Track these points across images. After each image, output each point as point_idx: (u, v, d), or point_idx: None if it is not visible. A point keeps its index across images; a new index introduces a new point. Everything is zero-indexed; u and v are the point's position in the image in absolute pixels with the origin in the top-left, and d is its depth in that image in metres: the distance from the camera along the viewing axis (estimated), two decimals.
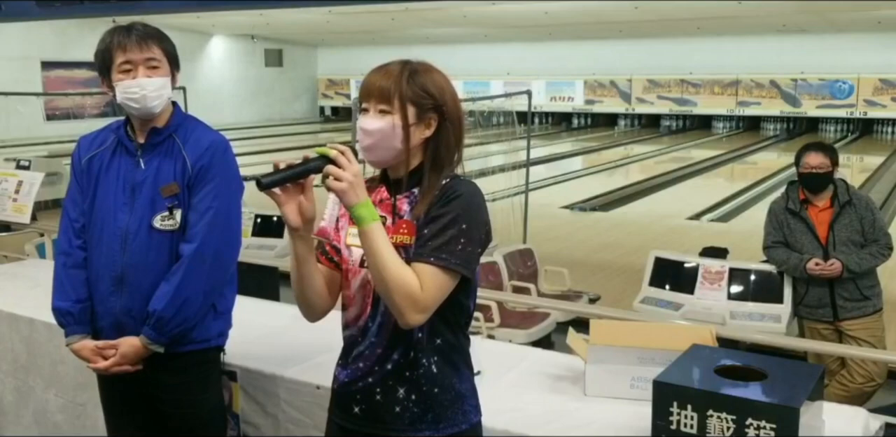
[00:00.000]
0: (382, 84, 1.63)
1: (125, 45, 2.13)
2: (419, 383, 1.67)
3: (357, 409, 1.72)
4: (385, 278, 1.55)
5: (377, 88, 1.63)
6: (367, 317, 1.69)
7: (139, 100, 2.13)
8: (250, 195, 2.23)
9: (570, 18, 16.40)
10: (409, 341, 1.66)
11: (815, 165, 3.79)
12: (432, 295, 1.57)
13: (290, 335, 2.78)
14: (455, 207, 1.61)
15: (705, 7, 13.84)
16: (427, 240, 1.60)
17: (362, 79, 1.71)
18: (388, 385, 1.68)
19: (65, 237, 2.24)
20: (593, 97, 22.03)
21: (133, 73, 2.14)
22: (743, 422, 1.64)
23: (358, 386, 1.71)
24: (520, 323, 4.66)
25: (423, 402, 1.68)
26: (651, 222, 9.12)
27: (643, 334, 2.33)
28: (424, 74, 1.66)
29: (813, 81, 19.31)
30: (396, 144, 1.63)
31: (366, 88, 1.65)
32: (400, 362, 1.67)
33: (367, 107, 1.64)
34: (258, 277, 4.56)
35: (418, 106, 1.63)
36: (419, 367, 1.67)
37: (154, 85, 2.14)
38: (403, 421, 1.68)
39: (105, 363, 2.16)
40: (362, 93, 1.66)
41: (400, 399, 1.68)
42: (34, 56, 17.67)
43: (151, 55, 2.15)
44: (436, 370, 1.68)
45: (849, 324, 3.81)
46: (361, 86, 1.68)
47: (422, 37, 20.20)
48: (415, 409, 1.67)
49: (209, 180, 2.16)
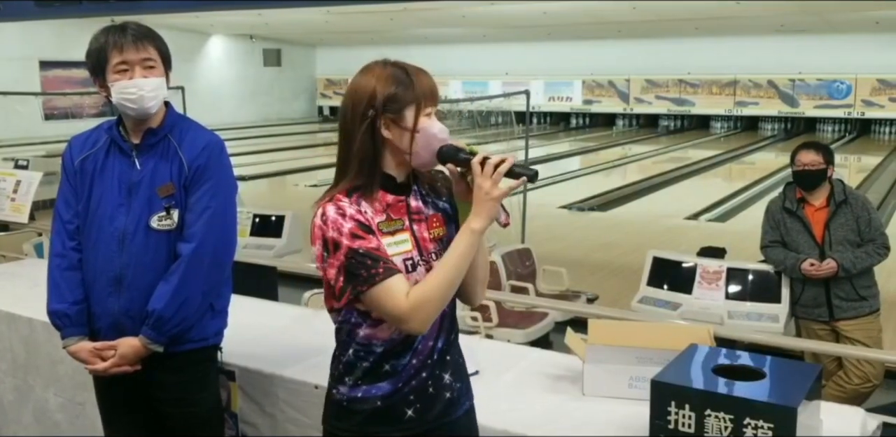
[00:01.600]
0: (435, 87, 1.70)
1: (121, 44, 2.11)
2: (457, 360, 1.80)
3: (410, 411, 1.71)
4: (480, 267, 1.72)
5: (436, 91, 1.69)
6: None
7: (136, 100, 2.13)
8: (247, 195, 2.23)
9: (569, 19, 16.40)
10: (451, 323, 1.77)
11: (806, 162, 3.81)
12: None
13: (289, 335, 2.79)
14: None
15: (703, 7, 13.83)
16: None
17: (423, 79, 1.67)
18: (436, 375, 1.73)
19: (58, 239, 2.23)
20: (591, 97, 22.03)
21: (129, 73, 2.12)
22: (741, 422, 1.64)
23: (412, 386, 1.71)
24: (518, 323, 4.66)
25: (459, 375, 1.80)
26: (649, 222, 9.13)
27: (641, 333, 2.33)
28: None
29: (811, 82, 19.32)
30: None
31: (433, 90, 1.67)
32: (444, 348, 1.75)
33: (431, 112, 1.67)
34: (256, 277, 4.57)
35: None
36: (455, 346, 1.79)
37: (151, 85, 2.13)
38: (453, 404, 1.76)
39: (104, 365, 2.15)
40: (428, 95, 1.66)
41: (448, 384, 1.75)
42: (32, 56, 17.64)
43: (148, 55, 2.14)
44: (457, 343, 1.81)
45: (845, 324, 3.81)
46: (425, 88, 1.66)
47: (420, 37, 20.19)
48: (457, 385, 1.77)
49: (206, 180, 2.16)
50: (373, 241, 1.62)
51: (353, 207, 1.65)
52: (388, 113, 1.63)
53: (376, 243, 1.62)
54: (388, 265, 1.61)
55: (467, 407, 1.81)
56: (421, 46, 19.65)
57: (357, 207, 1.65)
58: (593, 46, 20.60)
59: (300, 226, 5.92)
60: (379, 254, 1.61)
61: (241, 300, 2.49)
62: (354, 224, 1.62)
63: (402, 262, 1.65)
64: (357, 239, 1.61)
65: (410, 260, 1.67)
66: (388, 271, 1.60)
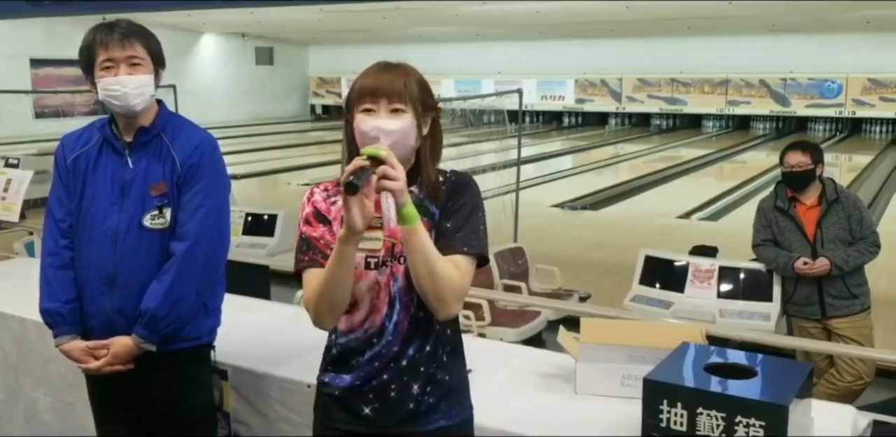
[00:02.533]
0: (394, 84, 1.64)
1: (107, 42, 2.11)
2: (434, 374, 1.72)
3: (368, 409, 1.72)
4: (435, 273, 1.58)
5: (388, 88, 1.63)
6: (382, 317, 1.69)
7: (120, 97, 2.12)
8: (240, 193, 2.23)
9: (562, 18, 16.41)
10: (426, 334, 1.71)
11: (794, 163, 3.83)
12: (469, 283, 1.65)
13: (281, 334, 2.78)
14: (469, 198, 1.71)
15: (696, 7, 13.86)
16: (455, 231, 1.67)
17: (360, 80, 1.67)
18: (404, 381, 1.70)
19: (51, 238, 2.22)
20: (584, 96, 22.06)
21: (114, 70, 2.12)
22: (732, 420, 1.65)
23: (371, 385, 1.71)
24: (510, 322, 4.66)
25: (437, 391, 1.73)
26: (641, 221, 9.14)
27: (634, 332, 2.34)
28: (416, 73, 1.70)
29: (802, 81, 19.39)
30: (412, 143, 1.67)
31: (372, 88, 1.64)
32: (415, 357, 1.70)
33: (371, 107, 1.64)
34: (249, 275, 4.56)
35: (423, 104, 1.67)
36: (434, 358, 1.72)
37: (135, 83, 2.12)
38: (418, 415, 1.71)
39: (97, 364, 2.15)
40: (366, 92, 1.64)
41: (415, 394, 1.70)
42: (23, 54, 17.57)
43: (133, 53, 2.13)
44: (446, 359, 1.74)
45: (837, 322, 3.83)
46: (362, 86, 1.65)
47: (413, 35, 20.18)
48: (430, 400, 1.72)
49: (199, 179, 2.16)
50: (318, 230, 1.70)
51: (322, 194, 1.74)
52: (350, 109, 1.68)
53: (321, 232, 1.70)
54: (316, 257, 1.67)
55: (442, 425, 1.73)
56: (414, 45, 19.65)
57: (326, 194, 1.73)
58: (586, 45, 20.62)
59: (292, 225, 5.91)
60: (316, 243, 1.69)
61: (234, 299, 2.48)
62: (311, 210, 1.73)
63: (363, 258, 1.66)
64: (306, 224, 1.72)
65: (375, 258, 1.67)
66: (311, 263, 1.68)
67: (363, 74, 1.68)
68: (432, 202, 1.71)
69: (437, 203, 1.70)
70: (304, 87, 25.76)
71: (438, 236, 1.67)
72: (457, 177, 1.73)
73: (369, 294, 1.70)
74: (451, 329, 1.76)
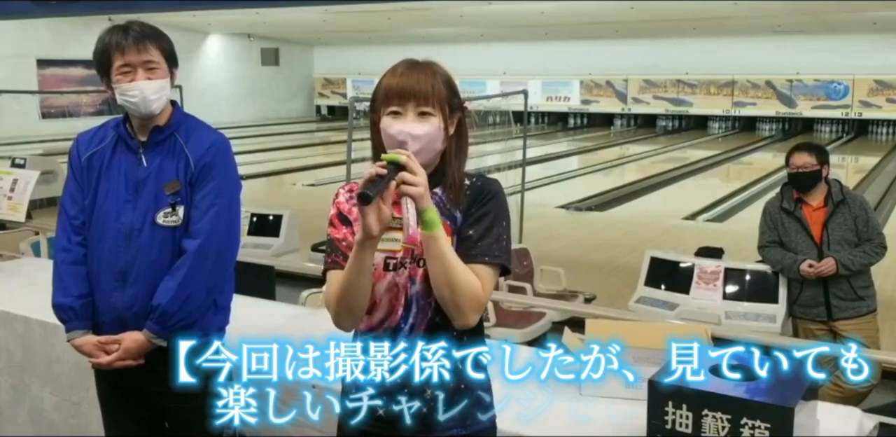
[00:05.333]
0: (421, 85, 1.60)
1: (123, 47, 2.13)
2: (447, 381, 1.66)
3: (382, 411, 1.69)
4: (454, 281, 1.57)
5: (416, 90, 1.60)
6: (398, 319, 1.68)
7: (139, 103, 2.15)
8: (245, 194, 2.24)
9: (567, 18, 16.41)
10: (442, 339, 1.66)
11: (799, 164, 3.83)
12: (489, 293, 1.64)
13: (286, 334, 2.77)
14: (494, 206, 1.67)
15: (701, 7, 13.84)
16: (477, 240, 1.63)
17: (386, 79, 1.63)
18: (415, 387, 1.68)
19: (63, 234, 2.25)
20: (589, 97, 22.04)
21: (131, 75, 2.15)
22: (738, 422, 1.64)
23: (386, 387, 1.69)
24: (515, 323, 4.66)
25: (449, 400, 1.68)
26: (647, 222, 9.13)
27: (639, 333, 2.33)
28: (444, 72, 1.67)
29: (808, 82, 19.35)
30: (438, 146, 1.65)
31: (399, 89, 1.61)
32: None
33: (398, 110, 1.61)
34: (254, 275, 4.56)
35: (450, 105, 1.65)
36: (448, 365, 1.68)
37: (153, 88, 2.16)
38: (430, 422, 1.67)
39: (108, 358, 2.17)
40: (393, 94, 1.61)
41: (427, 400, 1.67)
42: (30, 54, 17.63)
43: (149, 57, 2.16)
44: (461, 367, 1.68)
45: (843, 324, 3.82)
46: (388, 86, 1.62)
47: (418, 36, 20.18)
48: (442, 406, 1.68)
49: (212, 178, 2.19)
50: (341, 231, 1.69)
51: (346, 195, 1.72)
52: (377, 109, 1.66)
53: (343, 234, 1.69)
54: (338, 258, 1.67)
55: (454, 435, 1.69)
56: (419, 46, 19.63)
57: (350, 195, 1.70)
58: (591, 46, 20.61)
59: (298, 225, 5.91)
60: (338, 245, 1.68)
61: (239, 299, 2.48)
62: (335, 211, 1.72)
63: (383, 259, 1.65)
64: (331, 226, 1.71)
65: (394, 259, 1.66)
66: (334, 264, 1.67)
67: (390, 73, 1.64)
68: (456, 206, 1.67)
69: (460, 207, 1.66)
70: (310, 87, 25.79)
71: (459, 242, 1.64)
72: (483, 182, 1.69)
73: (388, 295, 1.68)
74: (468, 336, 1.70)
